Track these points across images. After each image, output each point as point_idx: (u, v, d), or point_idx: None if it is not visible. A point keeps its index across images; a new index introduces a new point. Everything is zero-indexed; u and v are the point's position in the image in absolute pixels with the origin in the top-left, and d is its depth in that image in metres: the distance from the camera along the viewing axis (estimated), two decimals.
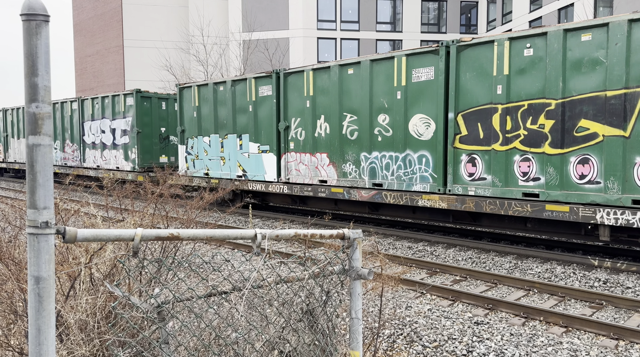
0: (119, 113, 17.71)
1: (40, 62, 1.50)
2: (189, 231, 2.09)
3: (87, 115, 19.39)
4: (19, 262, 3.48)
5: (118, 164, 17.95)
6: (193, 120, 14.75)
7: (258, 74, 12.90)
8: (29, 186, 1.51)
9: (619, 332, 5.24)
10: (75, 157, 20.27)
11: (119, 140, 17.80)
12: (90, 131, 19.33)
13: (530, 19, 27.66)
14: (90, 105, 19.22)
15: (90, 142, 19.37)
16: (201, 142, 14.53)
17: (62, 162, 21.11)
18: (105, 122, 18.43)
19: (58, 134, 21.15)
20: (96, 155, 19.15)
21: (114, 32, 36.20)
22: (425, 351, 4.85)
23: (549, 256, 8.51)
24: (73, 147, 20.40)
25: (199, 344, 2.53)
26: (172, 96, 17.82)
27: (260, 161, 12.92)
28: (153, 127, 17.46)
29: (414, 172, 9.84)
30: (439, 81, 9.35)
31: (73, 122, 20.18)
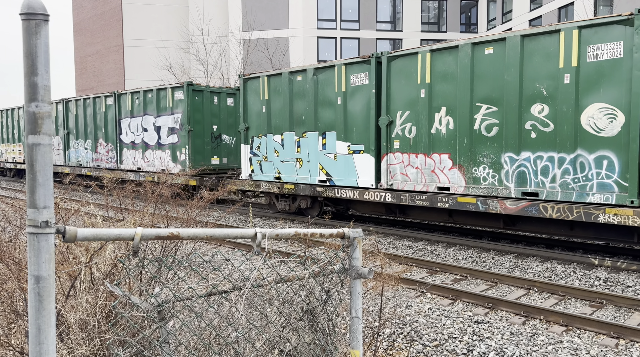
0: (165, 109, 15.76)
1: (40, 62, 1.50)
2: (189, 230, 2.09)
3: (125, 111, 17.37)
4: (19, 261, 3.48)
5: (164, 165, 16.03)
6: (261, 116, 12.85)
7: (350, 60, 10.84)
8: (29, 186, 1.51)
9: (619, 331, 5.25)
10: (111, 158, 18.31)
11: (164, 140, 15.95)
12: (129, 129, 17.37)
13: (530, 17, 27.64)
14: (129, 101, 17.18)
15: (129, 142, 17.41)
16: (271, 142, 12.64)
17: (94, 164, 19.15)
18: (148, 119, 16.46)
19: (89, 133, 19.30)
20: (136, 156, 17.17)
21: (114, 32, 36.19)
22: (425, 350, 4.85)
23: (549, 255, 8.51)
24: (108, 147, 18.45)
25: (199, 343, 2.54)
26: (224, 90, 16.12)
27: (350, 163, 10.97)
28: (204, 125, 15.59)
29: (589, 178, 7.80)
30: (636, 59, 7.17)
31: (107, 120, 18.22)
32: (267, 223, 12.40)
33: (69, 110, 20.41)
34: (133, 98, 17.07)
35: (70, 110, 20.33)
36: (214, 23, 31.47)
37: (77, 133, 20.04)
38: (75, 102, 20.11)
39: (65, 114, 20.63)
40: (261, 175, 12.97)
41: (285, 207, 12.74)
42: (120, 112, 17.70)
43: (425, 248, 9.49)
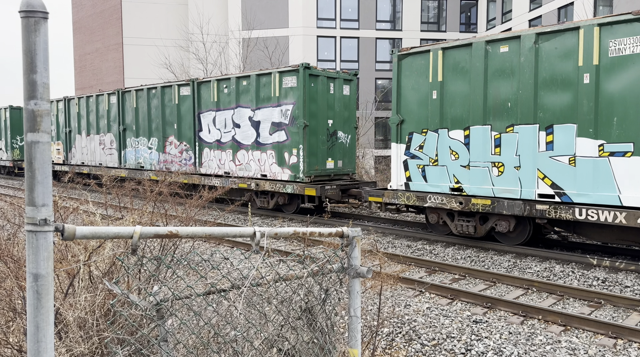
0: (269, 99, 12.75)
1: (39, 59, 1.49)
2: (187, 229, 2.09)
3: (208, 103, 14.39)
4: (17, 259, 3.48)
5: (265, 170, 13.03)
6: (427, 104, 9.77)
7: (612, 17, 7.64)
8: (28, 183, 1.51)
9: (618, 331, 5.25)
10: (185, 160, 15.33)
11: (266, 138, 12.98)
12: (212, 125, 14.35)
13: (530, 17, 27.66)
14: (213, 90, 14.17)
15: (213, 141, 14.36)
16: (445, 139, 9.57)
17: (161, 166, 16.08)
18: (241, 113, 13.46)
19: (154, 130, 16.25)
20: (222, 158, 14.18)
21: (114, 30, 36.15)
22: (423, 349, 4.85)
23: (548, 254, 8.52)
24: (181, 146, 15.36)
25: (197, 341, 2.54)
26: (341, 75, 13.19)
27: (603, 171, 7.78)
28: (319, 119, 12.54)
29: None
30: None
31: (181, 113, 15.18)
32: (266, 222, 12.39)
33: (125, 103, 17.45)
34: (220, 87, 13.97)
35: (128, 102, 17.30)
36: (214, 22, 31.44)
37: (137, 130, 16.94)
38: (136, 93, 16.89)
39: (121, 107, 17.56)
40: (424, 184, 9.87)
41: (467, 230, 9.50)
42: (199, 104, 14.58)
43: (424, 247, 9.49)
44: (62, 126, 21.19)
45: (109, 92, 18.28)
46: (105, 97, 18.42)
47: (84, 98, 19.83)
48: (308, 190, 11.95)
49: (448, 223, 9.83)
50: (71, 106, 20.54)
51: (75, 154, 20.64)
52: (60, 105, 21.23)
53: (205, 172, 14.70)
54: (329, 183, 12.48)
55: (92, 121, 19.37)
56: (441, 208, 9.64)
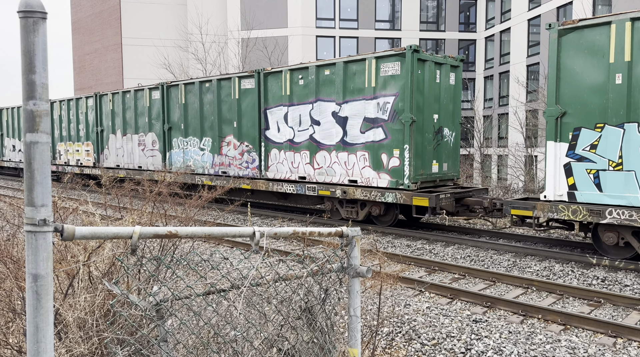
0: (361, 90, 10.73)
1: (38, 60, 1.49)
2: (187, 229, 2.08)
3: (276, 97, 12.40)
4: (17, 260, 3.47)
5: (355, 175, 11.00)
6: (608, 91, 7.71)
7: None
8: (27, 184, 1.51)
9: (617, 329, 5.26)
10: (246, 163, 13.30)
11: (355, 137, 10.95)
12: (283, 122, 12.27)
13: (529, 17, 27.67)
14: (285, 82, 12.09)
15: (284, 140, 12.32)
16: (634, 137, 7.59)
17: (216, 169, 14.13)
18: (322, 107, 11.46)
19: (207, 129, 14.25)
20: (296, 161, 12.13)
21: (113, 30, 36.14)
22: (423, 348, 4.85)
23: (548, 254, 8.52)
24: (242, 147, 13.38)
25: (197, 342, 2.53)
26: (449, 61, 11.02)
27: None
28: (425, 114, 10.43)
29: None
30: None
31: (242, 110, 13.19)
32: (266, 222, 12.39)
33: (171, 98, 15.43)
34: (294, 78, 11.94)
35: (175, 98, 15.29)
36: (213, 22, 31.43)
37: (186, 129, 14.95)
38: (184, 87, 14.88)
39: (165, 103, 15.54)
40: (599, 195, 7.88)
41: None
42: (266, 98, 12.62)
43: (424, 247, 9.50)
44: (93, 125, 18.73)
45: (151, 86, 16.03)
46: (145, 92, 16.27)
47: (119, 94, 17.49)
48: (418, 199, 9.77)
49: (635, 245, 7.81)
50: (103, 103, 18.21)
51: (108, 156, 18.25)
52: (89, 101, 18.91)
53: (273, 176, 12.62)
54: (436, 190, 10.52)
55: (130, 119, 17.06)
56: (626, 226, 7.62)
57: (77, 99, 19.45)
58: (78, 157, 19.79)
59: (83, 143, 19.49)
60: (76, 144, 19.79)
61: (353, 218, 11.32)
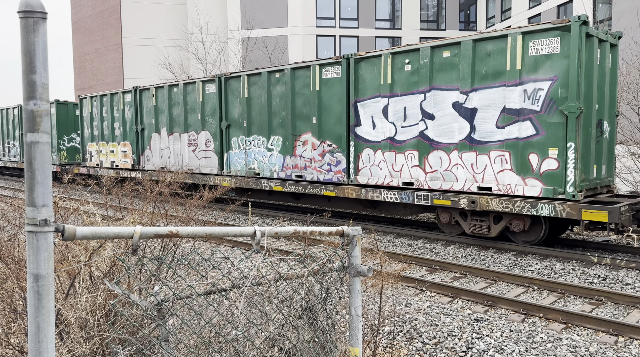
0: (499, 74, 8.62)
1: (38, 60, 1.50)
2: (188, 229, 2.09)
3: (371, 86, 10.44)
4: (18, 260, 3.48)
5: (488, 180, 8.88)
6: None
7: None
8: (28, 184, 1.51)
9: (619, 328, 5.26)
10: (329, 165, 11.38)
11: (489, 133, 8.84)
12: (382, 117, 10.28)
13: (529, 15, 27.65)
14: (384, 69, 10.10)
15: (382, 138, 10.36)
16: None
17: (287, 173, 12.26)
18: (439, 98, 9.39)
19: (277, 126, 12.37)
20: (399, 163, 10.15)
21: (113, 30, 36.15)
22: (425, 347, 4.86)
23: (549, 252, 8.52)
24: (322, 147, 11.42)
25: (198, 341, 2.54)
26: (609, 38, 8.92)
27: None
28: (588, 104, 8.34)
29: None
30: None
31: (324, 103, 11.30)
32: (267, 222, 12.40)
33: (230, 92, 13.52)
34: (397, 63, 9.95)
35: (236, 91, 13.33)
36: (213, 21, 31.43)
37: (249, 126, 13.05)
38: (247, 78, 12.90)
39: (223, 97, 13.67)
40: None
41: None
42: (357, 88, 10.66)
43: (425, 246, 9.50)
44: (131, 123, 16.80)
45: (205, 79, 14.21)
46: (198, 85, 14.35)
47: (164, 88, 15.53)
48: (590, 213, 7.72)
49: None
50: (144, 98, 16.30)
51: (150, 158, 16.31)
52: (127, 97, 16.96)
53: (366, 181, 10.68)
54: (606, 200, 8.40)
55: (178, 116, 15.12)
56: None
57: (112, 95, 17.57)
58: (113, 158, 17.77)
59: (119, 143, 17.47)
60: (111, 145, 17.82)
61: (482, 234, 9.19)
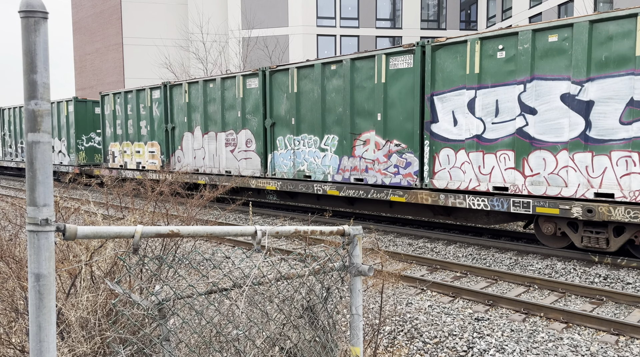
0: (624, 60, 7.52)
1: (39, 59, 1.50)
2: (189, 228, 2.09)
3: (451, 77, 9.10)
4: (19, 260, 3.48)
5: (608, 186, 7.69)
6: None
7: None
8: (29, 184, 1.51)
9: (620, 327, 5.25)
10: (396, 167, 10.03)
11: (610, 129, 7.69)
12: (467, 111, 8.95)
13: (530, 15, 27.62)
14: (470, 56, 8.82)
15: (466, 137, 9.00)
16: None
17: (345, 176, 10.98)
18: (544, 89, 8.20)
19: (332, 124, 11.20)
20: (487, 165, 8.76)
21: (113, 30, 36.17)
22: (425, 347, 4.86)
23: (550, 252, 8.52)
24: (388, 147, 10.17)
25: (199, 340, 2.54)
26: None
27: None
28: None
29: None
30: None
31: (390, 97, 10.08)
32: (268, 221, 12.41)
33: (275, 87, 12.37)
34: (488, 49, 8.63)
35: (283, 86, 12.18)
36: (214, 21, 31.45)
37: (298, 124, 11.83)
38: (296, 72, 11.71)
39: (268, 92, 12.47)
40: None
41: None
42: (433, 79, 9.33)
43: (426, 246, 9.50)
44: (160, 122, 15.65)
45: (246, 72, 12.95)
46: (238, 80, 13.10)
47: (198, 83, 14.32)
48: None
49: None
50: (175, 95, 15.17)
51: (181, 158, 15.15)
52: (155, 94, 15.76)
53: (445, 186, 9.30)
54: None
55: (214, 114, 13.92)
56: None
57: (138, 91, 16.41)
58: (139, 159, 16.61)
59: (146, 143, 16.25)
60: (136, 144, 16.64)
61: (598, 248, 7.96)
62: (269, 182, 12.46)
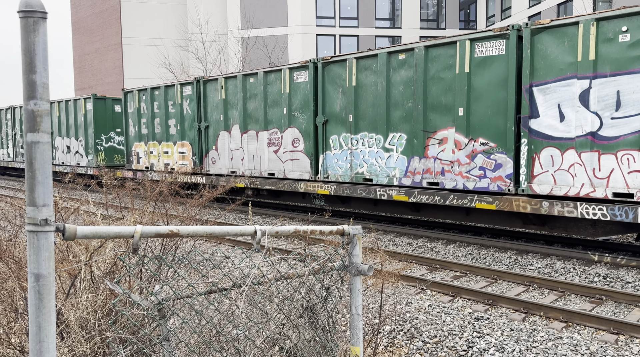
0: None
1: (38, 59, 1.50)
2: (188, 228, 2.09)
3: (554, 65, 7.94)
4: (19, 260, 3.48)
5: None
6: None
7: None
8: (28, 184, 1.51)
9: (619, 326, 5.26)
10: (481, 170, 8.76)
11: None
12: (579, 105, 7.75)
13: (529, 14, 27.63)
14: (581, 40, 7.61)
15: (577, 134, 7.80)
16: None
17: (415, 180, 9.71)
18: None
19: (399, 120, 9.87)
20: (605, 167, 7.54)
21: (113, 30, 36.16)
22: (425, 346, 4.86)
23: (549, 251, 8.52)
24: (472, 146, 8.92)
25: (199, 340, 2.54)
26: None
27: None
28: None
29: None
30: None
31: (474, 89, 8.83)
32: (267, 221, 12.41)
33: (327, 80, 11.05)
34: (606, 31, 7.43)
35: (335, 79, 10.88)
36: (213, 21, 31.44)
37: (356, 121, 10.52)
38: (355, 62, 10.44)
39: (319, 86, 11.15)
40: None
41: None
42: (532, 68, 8.09)
43: (425, 245, 9.50)
44: (191, 120, 14.46)
45: (293, 65, 11.73)
46: (284, 74, 11.87)
47: (237, 78, 13.05)
48: None
49: None
50: (209, 91, 13.95)
51: (216, 160, 13.91)
52: (186, 90, 14.57)
53: (548, 191, 8.03)
54: None
55: (255, 111, 12.75)
56: None
57: (167, 87, 15.19)
58: (167, 160, 15.41)
59: (175, 143, 15.09)
60: (164, 145, 15.47)
61: None
62: (321, 185, 11.11)
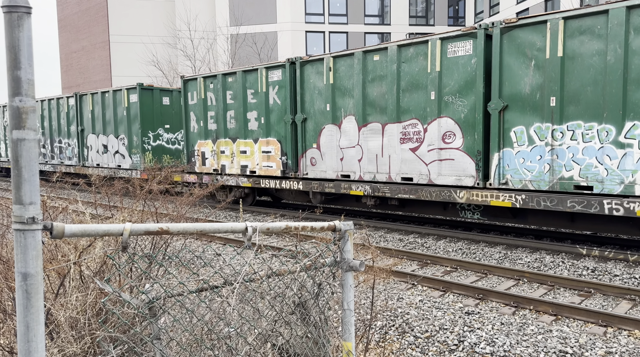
0: None
1: (23, 55, 1.47)
2: (178, 225, 2.07)
3: None
4: (7, 260, 3.44)
5: None
6: None
7: None
8: (14, 182, 1.49)
9: (607, 319, 5.32)
10: None
11: None
12: None
13: (517, 10, 27.79)
14: None
15: None
16: None
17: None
18: None
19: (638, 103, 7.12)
20: None
21: (100, 28, 35.78)
22: (417, 341, 4.88)
23: (538, 245, 8.60)
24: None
25: (191, 338, 2.53)
26: None
27: None
28: None
29: None
30: None
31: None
32: (258, 218, 12.38)
33: (505, 50, 8.30)
34: None
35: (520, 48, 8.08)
36: (201, 18, 31.23)
37: (561, 106, 7.77)
38: (562, 23, 7.54)
39: (494, 59, 8.39)
40: None
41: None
42: None
43: (416, 241, 9.54)
44: (280, 112, 11.92)
45: (446, 34, 8.99)
46: (432, 46, 9.12)
47: (353, 56, 10.35)
48: None
49: None
50: (307, 75, 11.27)
51: (318, 160, 11.37)
52: (273, 75, 11.96)
53: None
54: None
55: (379, 98, 10.03)
56: None
57: (245, 73, 12.51)
58: (245, 162, 12.81)
59: (256, 140, 12.47)
60: (240, 143, 12.87)
61: None
62: (497, 195, 8.33)
